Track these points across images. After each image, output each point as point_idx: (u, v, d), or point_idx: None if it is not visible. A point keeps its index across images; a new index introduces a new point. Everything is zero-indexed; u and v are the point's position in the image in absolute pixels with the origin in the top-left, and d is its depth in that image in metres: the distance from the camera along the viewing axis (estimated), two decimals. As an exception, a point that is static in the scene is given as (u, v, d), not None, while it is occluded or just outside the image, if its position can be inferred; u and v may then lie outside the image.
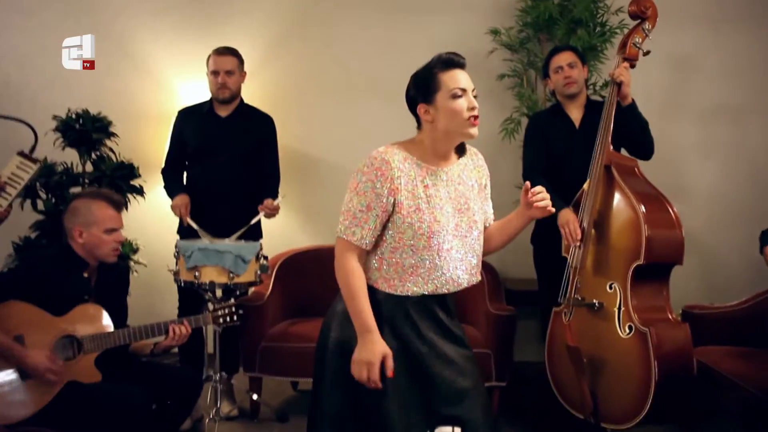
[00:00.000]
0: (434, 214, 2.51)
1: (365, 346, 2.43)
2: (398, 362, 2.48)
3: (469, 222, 2.61)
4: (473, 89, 2.57)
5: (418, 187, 2.51)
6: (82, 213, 3.42)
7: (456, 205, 2.58)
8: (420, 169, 2.54)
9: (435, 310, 2.57)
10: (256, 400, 4.47)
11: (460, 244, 2.57)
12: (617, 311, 3.76)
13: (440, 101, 2.49)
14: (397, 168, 2.49)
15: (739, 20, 5.44)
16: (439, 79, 2.51)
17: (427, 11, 5.56)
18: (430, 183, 2.54)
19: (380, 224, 2.51)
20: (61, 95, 5.37)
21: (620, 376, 3.75)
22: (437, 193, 2.54)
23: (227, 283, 3.93)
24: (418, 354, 2.53)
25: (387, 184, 2.47)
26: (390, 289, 2.51)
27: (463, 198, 2.61)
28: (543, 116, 4.55)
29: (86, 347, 3.22)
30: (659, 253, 3.75)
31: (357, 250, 2.52)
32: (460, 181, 2.61)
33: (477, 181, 2.72)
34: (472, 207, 2.62)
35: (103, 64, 5.42)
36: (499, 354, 4.38)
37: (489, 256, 4.78)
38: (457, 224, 2.57)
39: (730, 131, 5.51)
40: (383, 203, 2.48)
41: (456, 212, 2.57)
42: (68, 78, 5.55)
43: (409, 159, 2.54)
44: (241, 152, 4.62)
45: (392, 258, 2.53)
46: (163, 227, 5.16)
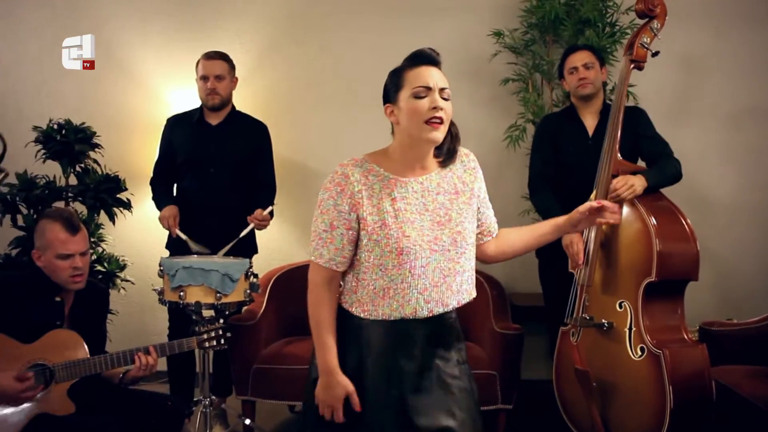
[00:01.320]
0: (403, 229, 2.35)
1: (326, 389, 2.38)
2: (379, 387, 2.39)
3: (451, 234, 2.43)
4: (443, 89, 2.40)
5: (383, 200, 2.36)
6: (39, 235, 3.30)
7: (435, 218, 2.41)
8: (387, 181, 2.40)
9: (418, 337, 2.41)
10: (249, 425, 4.33)
11: (441, 259, 2.40)
12: (628, 332, 3.65)
13: (402, 100, 2.36)
14: (358, 182, 2.36)
15: (758, 18, 5.36)
16: (404, 76, 2.38)
17: (426, 14, 5.50)
18: (398, 196, 2.38)
19: (348, 242, 2.38)
20: (47, 105, 5.33)
21: (632, 401, 3.63)
22: (407, 206, 2.38)
23: (214, 303, 3.77)
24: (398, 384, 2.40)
25: (347, 199, 2.34)
26: (364, 314, 2.38)
27: (444, 209, 2.44)
28: (554, 120, 4.42)
29: (58, 376, 3.05)
30: (672, 268, 3.63)
31: (328, 273, 2.42)
32: (440, 190, 2.45)
33: (468, 185, 2.56)
34: (454, 218, 2.45)
35: (87, 72, 5.39)
36: (505, 375, 4.21)
37: (494, 271, 4.78)
38: (437, 238, 2.40)
39: (751, 135, 5.42)
40: (346, 220, 2.35)
41: (435, 225, 2.41)
42: (53, 87, 5.60)
43: (375, 171, 2.41)
44: (233, 162, 4.53)
45: (364, 280, 2.39)
46: (152, 242, 5.12)
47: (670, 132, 4.86)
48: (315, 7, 5.59)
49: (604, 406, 3.71)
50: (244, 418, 4.31)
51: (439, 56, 2.46)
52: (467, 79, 5.42)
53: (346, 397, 2.36)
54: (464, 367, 2.53)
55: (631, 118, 4.09)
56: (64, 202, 4.66)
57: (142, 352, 3.25)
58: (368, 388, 2.39)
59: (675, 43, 5.20)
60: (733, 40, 5.39)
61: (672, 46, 5.15)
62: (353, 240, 2.38)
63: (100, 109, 5.37)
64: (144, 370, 3.26)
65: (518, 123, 5.18)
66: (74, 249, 3.21)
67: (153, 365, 3.27)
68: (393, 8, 5.51)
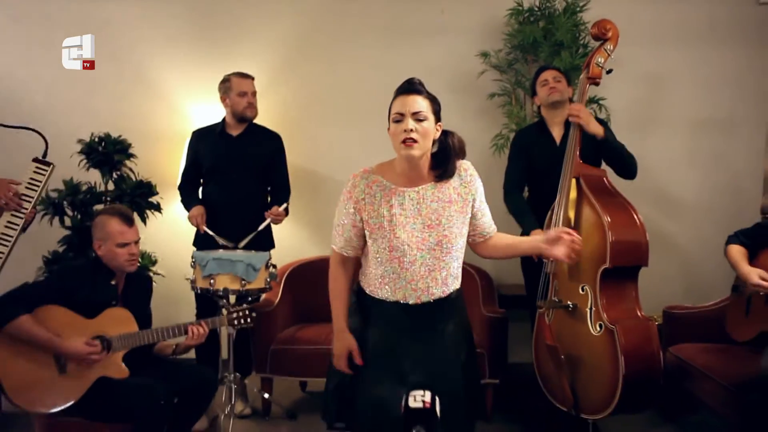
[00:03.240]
0: (395, 232, 2.76)
1: (336, 343, 2.87)
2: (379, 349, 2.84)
3: (438, 237, 2.80)
4: (416, 112, 2.71)
5: (382, 207, 2.78)
6: (99, 228, 3.68)
7: (426, 222, 2.79)
8: (388, 190, 2.80)
9: (410, 317, 2.83)
10: (267, 398, 4.67)
11: (427, 257, 2.79)
12: (589, 311, 3.92)
13: (390, 124, 2.76)
14: (362, 191, 2.80)
15: (716, 38, 5.61)
16: (391, 106, 2.77)
17: (422, 35, 5.72)
18: (395, 203, 2.78)
19: (355, 236, 2.84)
20: (83, 119, 5.57)
21: (594, 372, 3.91)
22: (402, 212, 2.78)
23: (240, 289, 4.16)
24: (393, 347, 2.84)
25: (353, 204, 2.80)
26: (370, 293, 2.84)
27: (435, 215, 2.80)
28: (527, 132, 4.69)
29: (115, 346, 3.49)
30: (624, 256, 3.91)
31: (340, 257, 2.91)
32: (435, 199, 2.81)
33: (462, 197, 2.87)
34: (443, 223, 2.80)
35: (121, 89, 5.74)
36: (492, 353, 4.56)
37: (484, 263, 5.06)
38: (425, 239, 2.79)
39: (711, 142, 5.67)
40: (352, 219, 2.81)
41: (425, 228, 2.79)
42: (89, 103, 5.80)
43: (378, 182, 2.81)
44: (251, 168, 4.83)
45: (370, 267, 2.85)
46: (179, 241, 5.33)
47: (639, 140, 5.22)
48: (322, 30, 5.83)
49: (573, 376, 3.99)
50: (263, 393, 4.66)
51: (419, 85, 2.80)
52: (458, 93, 5.64)
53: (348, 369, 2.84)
54: (458, 336, 2.94)
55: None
56: (103, 205, 4.92)
57: (194, 325, 3.70)
58: (371, 348, 2.85)
59: (643, 60, 5.55)
60: (694, 57, 5.66)
61: (640, 63, 5.53)
62: (359, 234, 2.84)
63: (130, 122, 5.54)
64: (196, 339, 3.70)
65: (503, 132, 5.45)
66: (130, 238, 3.64)
67: (204, 334, 3.71)
68: (391, 31, 5.75)
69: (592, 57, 4.22)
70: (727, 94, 5.69)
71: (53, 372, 3.40)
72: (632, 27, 5.27)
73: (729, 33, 5.64)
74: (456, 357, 2.92)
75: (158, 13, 5.86)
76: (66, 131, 5.25)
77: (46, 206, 4.86)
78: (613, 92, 5.39)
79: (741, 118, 5.68)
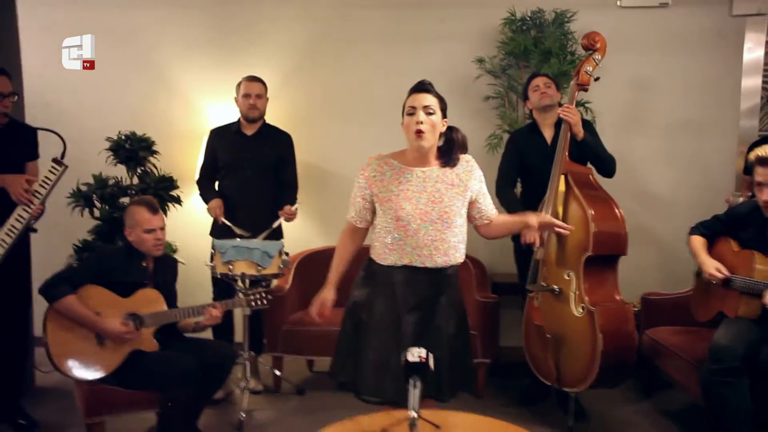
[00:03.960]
0: (401, 204, 3.12)
1: (321, 291, 3.34)
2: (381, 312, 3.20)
3: (440, 211, 3.13)
4: (426, 106, 3.09)
5: (391, 183, 3.15)
6: (129, 217, 3.97)
7: (430, 197, 3.13)
8: (398, 170, 3.17)
9: (413, 280, 3.16)
10: (278, 375, 4.98)
11: (430, 228, 3.12)
12: (573, 294, 4.20)
13: (403, 117, 3.15)
14: (373, 170, 3.19)
15: (690, 48, 5.78)
16: (405, 102, 3.15)
17: (423, 42, 5.89)
18: (403, 180, 3.15)
19: (364, 208, 3.24)
20: (107, 119, 5.73)
21: (575, 348, 4.21)
22: (410, 187, 3.14)
23: (256, 274, 4.43)
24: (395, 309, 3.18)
25: (363, 180, 3.20)
26: (379, 261, 3.20)
27: (438, 193, 3.14)
28: (521, 134, 4.90)
29: (146, 322, 3.82)
30: (605, 246, 4.19)
31: (351, 226, 3.32)
32: (439, 179, 3.16)
33: (463, 182, 3.21)
34: (445, 201, 3.14)
35: (142, 90, 5.95)
36: (485, 334, 4.84)
37: (479, 254, 5.38)
38: (427, 212, 3.12)
39: (687, 143, 5.83)
40: (364, 193, 3.21)
41: (429, 202, 3.13)
42: (112, 103, 5.98)
43: (390, 163, 3.19)
44: (264, 165, 5.09)
45: (380, 238, 3.20)
46: (196, 231, 5.55)
47: (622, 140, 5.51)
48: (330, 37, 6.00)
49: (557, 353, 4.28)
50: (274, 369, 4.98)
51: (429, 85, 3.17)
52: (455, 96, 5.41)
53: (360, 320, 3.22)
54: (450, 310, 3.24)
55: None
56: (129, 198, 5.16)
57: (210, 307, 4.02)
58: (375, 310, 3.20)
59: (625, 67, 5.72)
60: (672, 65, 5.81)
61: (623, 70, 5.70)
62: (369, 207, 3.22)
63: (151, 121, 5.70)
64: (212, 320, 4.02)
65: (497, 133, 5.63)
66: (156, 224, 3.94)
67: (218, 317, 4.02)
68: (395, 38, 5.92)
69: (582, 65, 4.45)
70: (702, 99, 5.83)
71: (93, 344, 3.73)
72: (616, 37, 5.27)
73: (704, 43, 5.77)
74: (445, 327, 3.24)
75: (178, 21, 6.03)
76: (93, 130, 5.45)
77: (77, 198, 5.11)
78: (598, 97, 5.52)
79: (714, 121, 5.81)
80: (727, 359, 3.48)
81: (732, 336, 3.57)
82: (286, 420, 4.63)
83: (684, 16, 5.74)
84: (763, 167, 3.64)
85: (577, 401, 4.41)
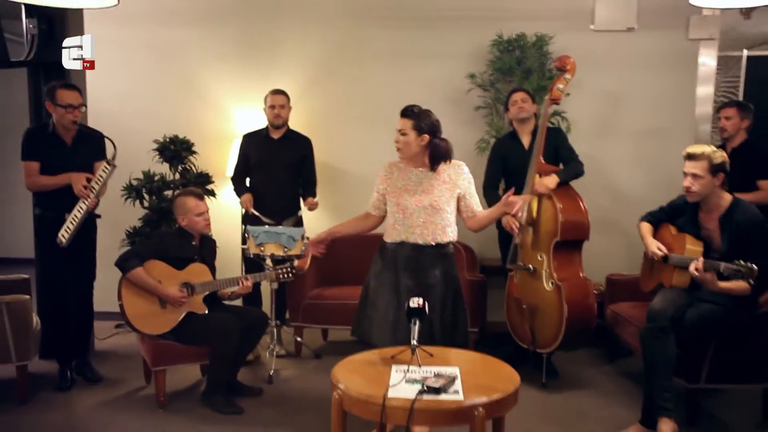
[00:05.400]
0: (401, 194, 3.89)
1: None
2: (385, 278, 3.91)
3: (430, 200, 3.84)
4: (399, 129, 3.84)
5: (398, 179, 3.91)
6: (180, 205, 4.65)
7: (423, 190, 3.87)
8: (403, 170, 3.93)
9: (411, 254, 3.88)
10: (299, 342, 5.63)
11: (422, 213, 3.85)
12: (544, 273, 4.83)
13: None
14: (386, 171, 3.96)
15: (653, 66, 6.20)
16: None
17: (423, 59, 6.35)
18: (406, 177, 3.92)
19: (378, 200, 3.97)
20: (151, 123, 6.28)
21: (546, 317, 4.82)
22: (408, 183, 3.90)
23: (282, 254, 5.07)
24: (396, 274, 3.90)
25: (379, 180, 3.97)
26: (387, 240, 3.96)
27: (431, 187, 3.87)
28: (503, 140, 5.42)
29: (197, 290, 4.55)
30: (571, 232, 4.79)
31: (366, 212, 4.06)
32: (432, 177, 3.88)
33: (453, 180, 3.89)
34: (435, 193, 3.85)
35: (180, 98, 6.49)
36: (474, 309, 5.31)
37: (469, 241, 5.82)
38: (421, 200, 3.84)
39: (653, 148, 6.25)
40: (379, 187, 3.97)
41: (422, 193, 3.87)
42: (154, 110, 6.53)
43: (398, 165, 3.96)
44: (288, 165, 5.72)
45: (388, 222, 3.96)
46: (227, 220, 6.18)
47: (595, 144, 6.00)
48: (344, 52, 6.47)
49: (532, 321, 4.90)
50: (296, 337, 5.64)
51: (408, 110, 3.84)
52: (450, 106, 6.22)
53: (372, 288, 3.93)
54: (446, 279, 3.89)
55: (553, 135, 5.16)
56: (172, 191, 5.81)
57: (243, 279, 4.68)
58: (381, 275, 3.94)
59: (598, 82, 6.18)
60: (638, 80, 6.22)
61: (596, 84, 6.16)
62: (381, 200, 3.96)
63: (187, 125, 6.21)
64: (244, 289, 4.69)
65: (485, 138, 6.08)
66: (203, 208, 4.64)
67: (249, 287, 4.69)
68: (398, 55, 6.39)
69: (555, 83, 4.92)
70: (664, 109, 6.23)
71: (157, 307, 4.49)
72: (589, 56, 5.96)
73: (666, 61, 6.17)
74: (442, 294, 3.90)
75: (211, 38, 6.54)
76: (140, 132, 6.04)
77: (129, 191, 5.80)
78: (574, 107, 6.00)
79: (674, 128, 6.22)
80: (658, 320, 4.15)
81: (664, 301, 4.23)
82: (306, 377, 5.29)
83: (648, 39, 6.20)
84: (689, 161, 4.18)
85: (549, 362, 5.04)
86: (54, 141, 4.87)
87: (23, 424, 4.41)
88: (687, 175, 4.19)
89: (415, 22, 6.43)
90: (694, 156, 4.16)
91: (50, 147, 4.85)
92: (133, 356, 5.47)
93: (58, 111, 4.79)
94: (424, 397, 2.78)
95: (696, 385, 4.37)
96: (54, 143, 4.87)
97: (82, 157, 4.89)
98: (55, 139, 4.87)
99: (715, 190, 4.17)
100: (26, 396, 4.70)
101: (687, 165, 4.19)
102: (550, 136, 5.13)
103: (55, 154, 4.85)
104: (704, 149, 4.17)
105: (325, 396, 4.55)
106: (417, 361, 3.12)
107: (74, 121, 4.82)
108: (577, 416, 4.59)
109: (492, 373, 3.23)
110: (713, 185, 4.14)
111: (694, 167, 4.14)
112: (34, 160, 4.85)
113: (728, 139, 5.50)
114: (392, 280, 3.94)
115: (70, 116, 4.78)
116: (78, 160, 4.86)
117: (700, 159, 4.13)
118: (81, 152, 4.90)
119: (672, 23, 6.14)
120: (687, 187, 4.20)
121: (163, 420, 4.47)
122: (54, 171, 4.81)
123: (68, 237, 4.71)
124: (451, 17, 6.40)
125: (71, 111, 4.78)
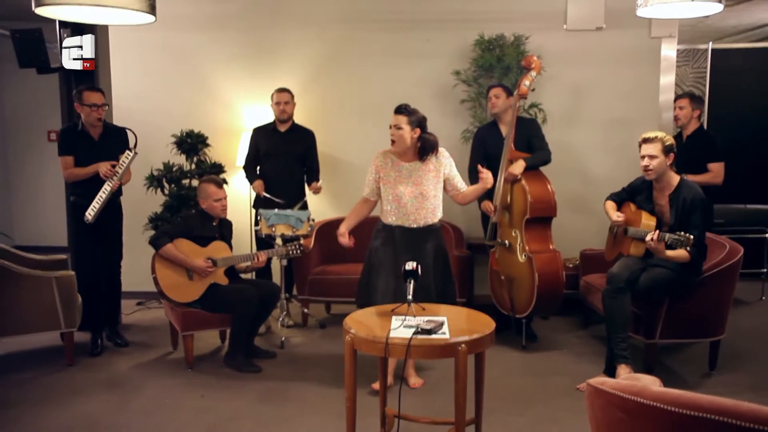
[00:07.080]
0: (396, 186, 4.38)
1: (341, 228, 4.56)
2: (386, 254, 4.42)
3: (420, 189, 4.34)
4: (395, 125, 4.25)
5: (391, 171, 4.41)
6: (202, 190, 5.13)
7: (414, 181, 4.37)
8: (395, 162, 4.41)
9: (406, 235, 4.40)
10: (306, 313, 6.15)
11: (413, 201, 4.37)
12: (518, 246, 5.35)
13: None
14: (380, 160, 4.43)
15: (620, 61, 6.58)
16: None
17: (413, 57, 6.70)
18: (398, 170, 4.39)
19: (372, 188, 4.44)
20: (167, 118, 6.75)
21: (521, 286, 5.34)
22: (399, 175, 4.40)
23: (291, 234, 5.58)
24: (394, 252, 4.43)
25: (373, 166, 4.45)
26: (385, 221, 4.49)
27: (419, 178, 4.37)
28: (483, 129, 5.80)
29: (219, 264, 5.09)
30: (540, 211, 5.30)
31: (363, 198, 4.52)
32: (420, 169, 4.36)
33: (437, 168, 4.38)
34: (423, 183, 4.35)
35: (193, 96, 6.89)
36: (461, 281, 5.90)
37: (456, 220, 6.33)
38: (412, 191, 4.35)
39: (619, 135, 6.60)
40: (372, 176, 4.45)
41: (412, 183, 4.37)
42: (170, 107, 6.92)
43: (390, 157, 4.42)
44: (294, 155, 6.20)
45: (384, 206, 4.47)
46: (237, 206, 6.59)
47: (568, 133, 6.45)
48: (342, 53, 6.79)
49: (509, 290, 5.43)
50: (303, 309, 6.16)
51: (402, 108, 4.25)
52: (437, 100, 6.64)
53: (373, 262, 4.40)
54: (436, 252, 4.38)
55: (527, 125, 5.60)
56: (189, 181, 6.31)
57: (258, 254, 5.19)
58: (379, 253, 4.45)
59: (571, 76, 6.62)
60: (607, 74, 6.60)
61: (568, 77, 6.59)
62: (376, 186, 4.42)
63: (198, 120, 6.64)
64: (258, 264, 5.20)
65: (469, 128, 6.49)
66: (221, 195, 5.12)
67: (263, 261, 5.21)
68: (390, 54, 6.73)
69: (522, 80, 5.36)
70: (630, 100, 6.58)
71: (185, 278, 5.04)
72: (562, 53, 6.46)
73: (631, 57, 6.55)
74: (434, 264, 4.44)
75: (221, 41, 6.89)
76: (158, 127, 6.50)
77: (151, 181, 6.32)
78: (549, 99, 6.46)
79: (639, 118, 6.55)
80: (616, 282, 4.73)
81: (622, 267, 4.80)
82: (313, 343, 5.81)
83: (615, 37, 6.61)
84: (645, 144, 4.68)
85: (528, 327, 5.55)
86: (83, 137, 5.42)
87: (77, 380, 4.99)
88: (644, 157, 4.69)
89: (405, 24, 6.77)
90: (648, 139, 4.69)
91: (80, 142, 5.41)
92: (156, 328, 6.07)
93: (84, 110, 5.34)
94: (418, 336, 3.31)
95: (652, 340, 4.91)
96: (83, 139, 5.42)
97: (109, 149, 5.40)
98: (84, 135, 5.43)
99: (667, 169, 4.71)
100: (72, 358, 5.29)
101: (643, 148, 4.70)
102: (525, 126, 5.57)
103: (84, 148, 5.40)
104: (657, 133, 4.70)
105: (332, 356, 5.29)
106: (412, 312, 3.62)
107: (99, 119, 5.35)
108: (552, 371, 5.09)
109: (473, 320, 3.74)
110: (666, 164, 4.68)
111: (650, 149, 4.67)
112: (68, 155, 5.41)
113: (683, 127, 6.06)
114: (391, 253, 4.46)
115: (95, 114, 5.33)
116: (105, 152, 5.37)
117: (654, 141, 4.66)
118: (107, 145, 5.43)
119: (636, 23, 6.38)
120: (645, 166, 4.68)
121: (193, 377, 5.02)
122: (85, 164, 5.35)
123: (94, 214, 5.18)
124: (437, 20, 6.74)
125: (96, 109, 5.32)
